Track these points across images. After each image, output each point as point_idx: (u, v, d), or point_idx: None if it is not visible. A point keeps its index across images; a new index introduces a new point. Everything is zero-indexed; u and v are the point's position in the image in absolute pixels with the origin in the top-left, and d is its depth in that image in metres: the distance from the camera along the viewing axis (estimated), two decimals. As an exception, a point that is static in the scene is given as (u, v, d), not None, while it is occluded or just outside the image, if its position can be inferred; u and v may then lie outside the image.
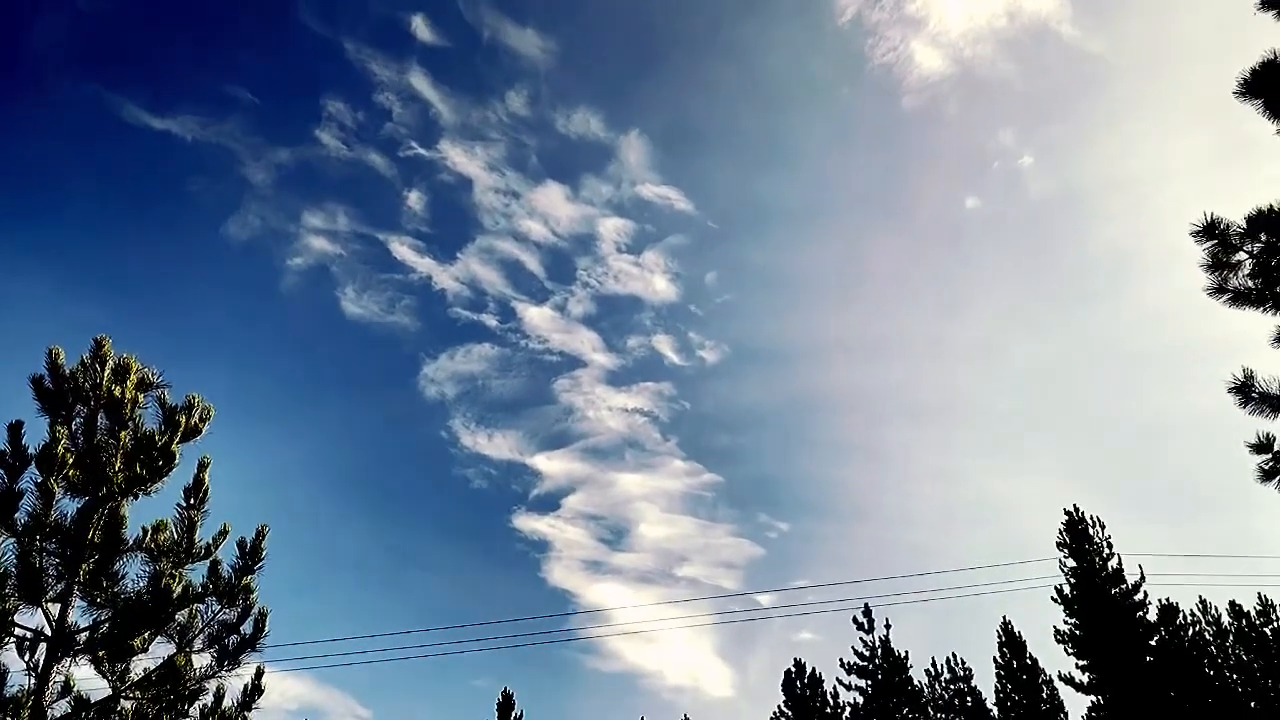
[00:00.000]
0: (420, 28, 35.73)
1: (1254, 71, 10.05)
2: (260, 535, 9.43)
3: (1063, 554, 32.27)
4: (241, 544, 9.31)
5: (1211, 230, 10.53)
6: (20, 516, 8.62)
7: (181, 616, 9.11)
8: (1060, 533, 32.50)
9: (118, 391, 8.95)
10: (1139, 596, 30.32)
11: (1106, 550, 31.35)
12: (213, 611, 9.27)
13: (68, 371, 8.98)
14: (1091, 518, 31.92)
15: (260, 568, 9.45)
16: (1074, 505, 32.51)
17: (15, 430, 8.68)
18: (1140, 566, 31.01)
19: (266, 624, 9.48)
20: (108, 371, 9.05)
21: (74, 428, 8.93)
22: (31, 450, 8.67)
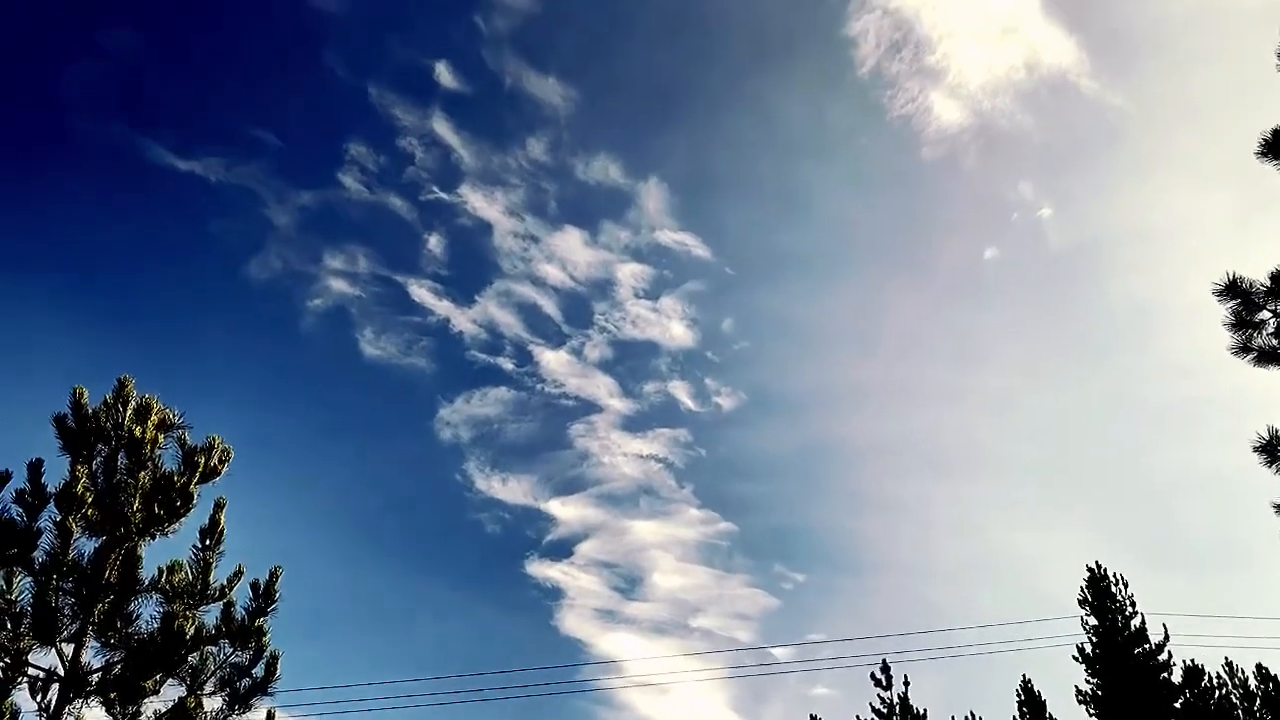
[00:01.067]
0: (443, 74, 36.29)
1: (1275, 132, 10.05)
2: (274, 577, 9.41)
3: (1084, 611, 31.71)
4: (255, 586, 9.30)
5: (1234, 289, 10.46)
6: (38, 555, 8.66)
7: (193, 659, 9.08)
8: (1082, 589, 31.98)
9: (138, 432, 9.02)
10: (1163, 657, 29.71)
11: (1129, 609, 30.80)
12: (225, 654, 9.23)
13: (90, 411, 9.06)
14: (1114, 574, 31.41)
15: (273, 610, 9.42)
16: (1096, 562, 32.04)
17: (35, 469, 8.75)
18: (1164, 626, 30.42)
19: (278, 667, 9.43)
20: (129, 411, 9.13)
21: (94, 467, 8.99)
22: (51, 489, 8.74)
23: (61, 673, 8.58)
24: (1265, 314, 10.45)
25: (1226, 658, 33.59)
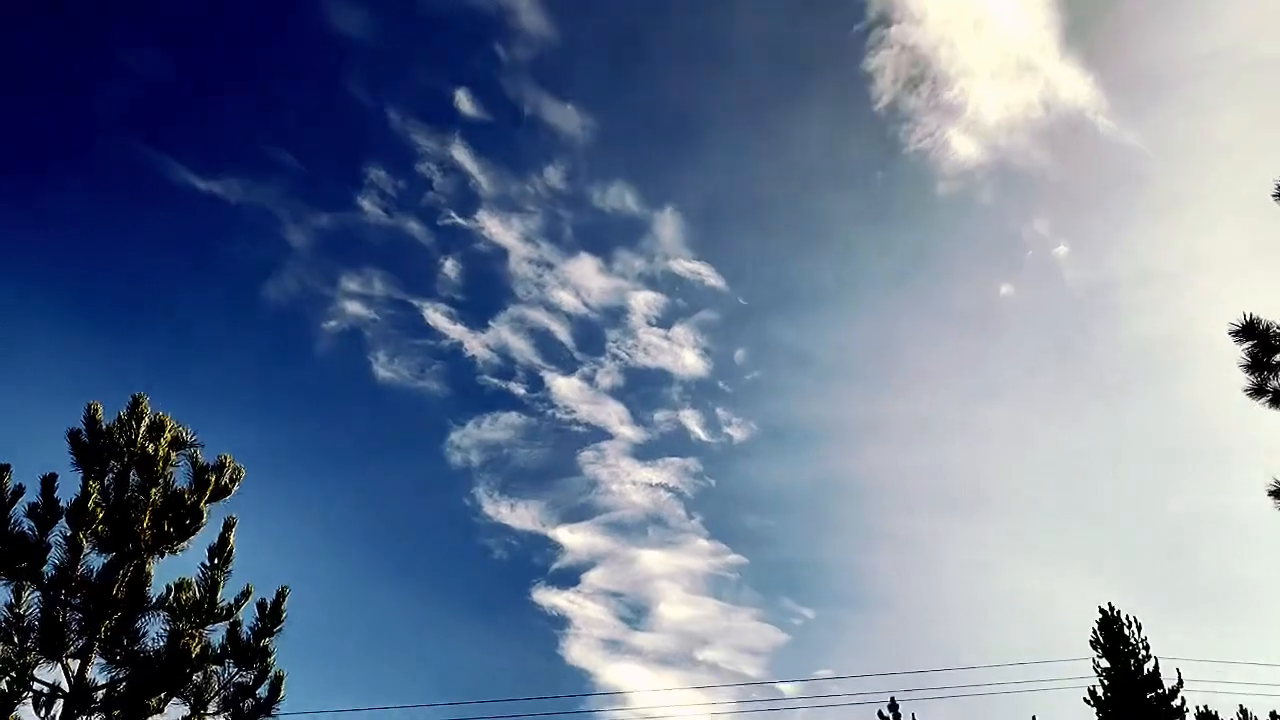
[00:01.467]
0: (463, 101, 36.66)
1: (1293, 174, 10.03)
2: (281, 597, 9.42)
3: (1096, 653, 31.33)
4: (261, 605, 9.30)
5: (1251, 330, 10.42)
6: (47, 569, 8.68)
7: (198, 678, 9.06)
8: (1094, 631, 31.61)
9: (151, 449, 9.06)
10: (1176, 702, 29.29)
11: (1142, 652, 30.42)
12: (229, 673, 9.22)
13: (104, 427, 9.11)
14: (1127, 616, 31.07)
15: (279, 630, 9.42)
16: (1108, 603, 31.71)
17: (48, 483, 8.79)
18: (1178, 670, 30.01)
19: (282, 688, 9.41)
20: (143, 428, 9.18)
21: (106, 483, 9.02)
22: (63, 504, 8.76)
23: (66, 689, 8.58)
24: (1281, 356, 10.38)
25: (1241, 705, 33.08)
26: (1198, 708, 29.71)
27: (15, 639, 8.40)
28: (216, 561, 9.16)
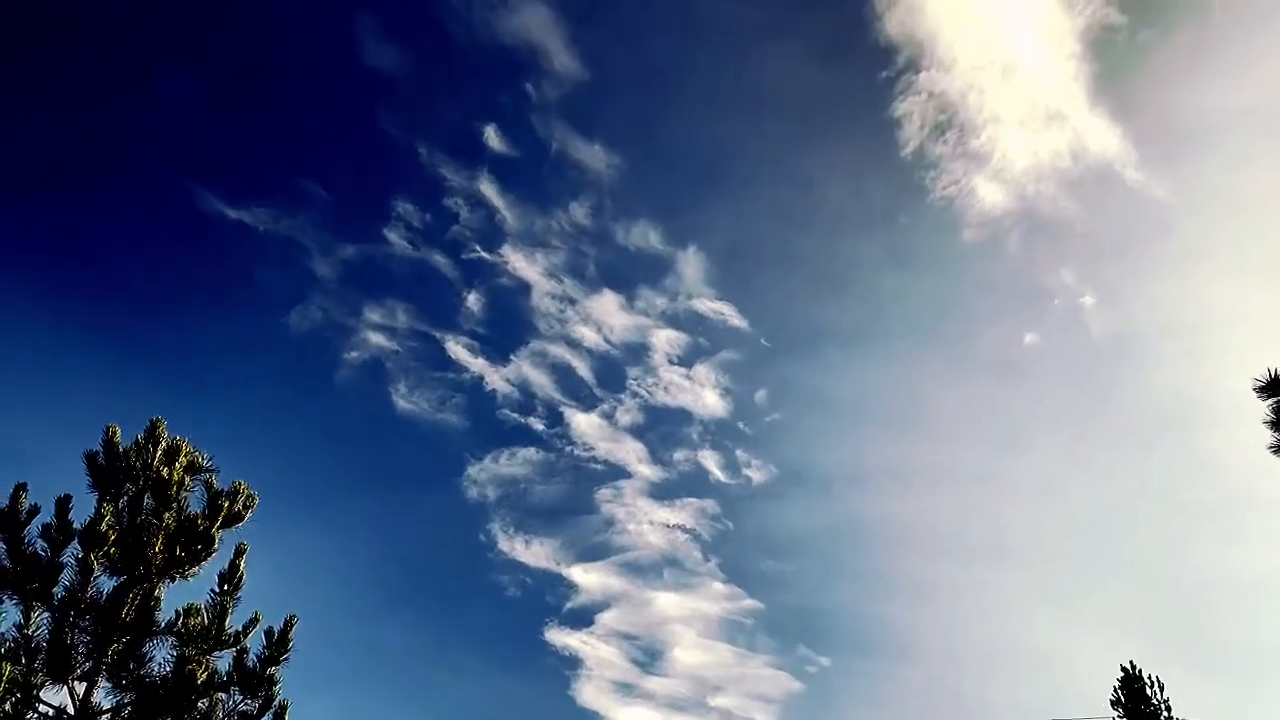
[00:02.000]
0: (492, 137, 37.19)
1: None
2: (289, 625, 9.38)
3: (1117, 713, 30.69)
4: (269, 633, 9.27)
5: (1276, 387, 10.27)
6: (57, 590, 8.71)
7: (203, 704, 9.02)
8: (1115, 690, 31.00)
9: (166, 472, 9.10)
10: (1199, 766, 28.60)
11: (1165, 713, 29.78)
12: (234, 701, 9.17)
13: (122, 450, 9.17)
14: (1149, 676, 30.46)
15: (286, 659, 9.37)
16: (1130, 662, 31.10)
17: (63, 504, 8.85)
18: (1201, 733, 29.33)
19: (287, 717, 9.35)
20: (159, 452, 9.24)
21: (120, 505, 9.07)
22: (77, 525, 8.81)
23: (71, 711, 8.56)
24: (1307, 413, 10.23)
25: (1266, 771, 32.28)
26: (1221, 772, 28.99)
27: (23, 659, 8.40)
28: (226, 588, 9.16)
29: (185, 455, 9.31)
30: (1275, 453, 10.33)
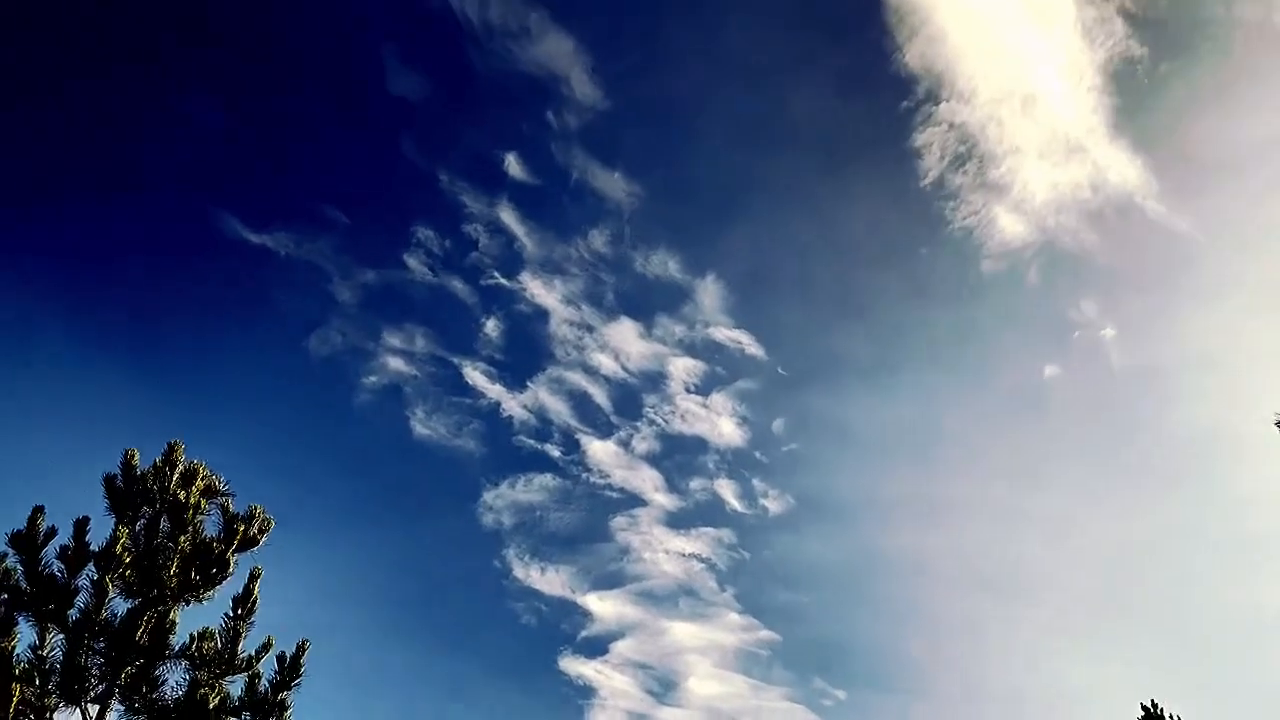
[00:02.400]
0: (512, 165, 37.41)
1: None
2: (301, 650, 9.35)
3: (1138, 751, 30.15)
4: (281, 658, 9.24)
5: (1297, 420, 10.17)
6: (72, 613, 8.72)
7: (214, 729, 8.99)
8: (1136, 727, 30.47)
9: (182, 496, 9.14)
10: (1222, 806, 28.02)
11: (1187, 751, 29.24)
12: (246, 727, 9.13)
13: (140, 472, 9.22)
14: (1170, 715, 29.96)
15: (298, 684, 9.34)
16: (1150, 700, 30.61)
17: (80, 526, 8.87)
18: (1224, 773, 28.75)
19: (298, 744, 9.31)
20: (176, 475, 9.27)
21: (137, 528, 9.10)
22: (94, 547, 8.84)
23: (83, 734, 8.56)
24: (1330, 448, 10.11)
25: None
26: (1245, 813, 28.39)
27: (37, 681, 8.41)
28: (240, 612, 9.16)
29: (202, 479, 9.35)
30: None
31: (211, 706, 8.76)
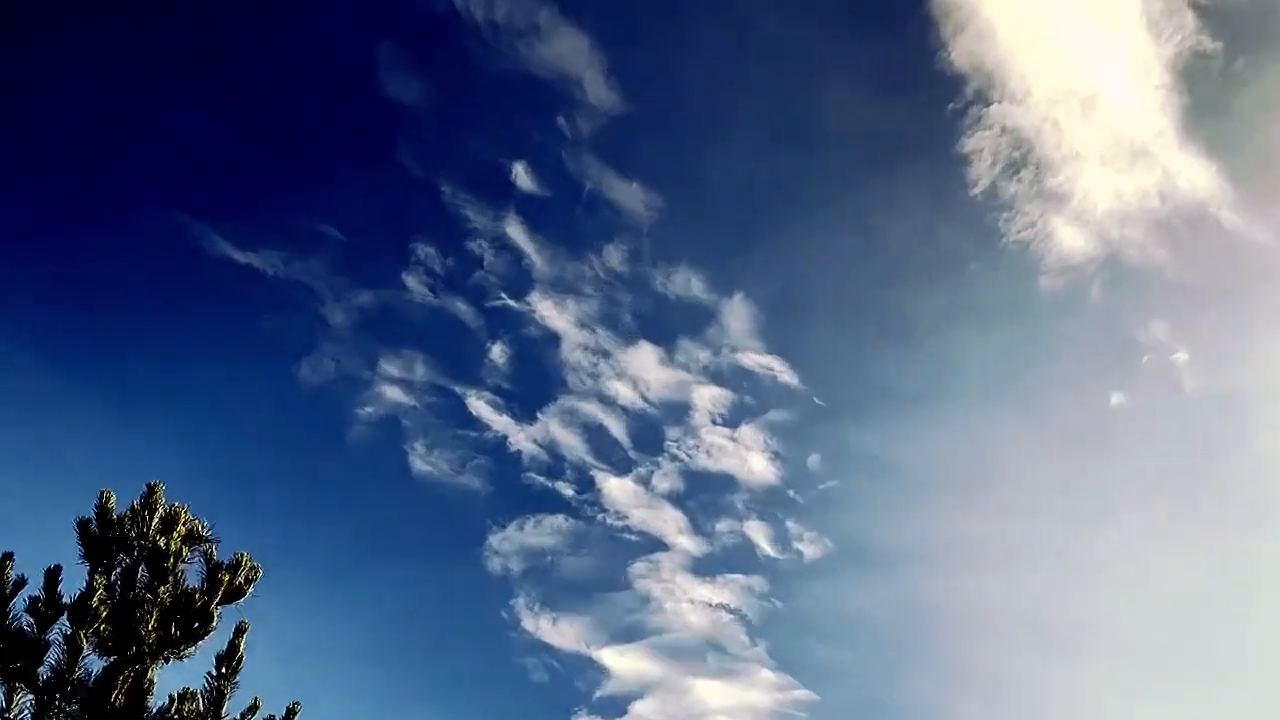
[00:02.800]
0: (520, 175, 36.23)
1: None
2: (291, 713, 8.69)
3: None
4: (270, 722, 8.56)
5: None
6: (43, 670, 8.08)
7: (198, 796, 8.33)
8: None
9: (163, 543, 8.45)
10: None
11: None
12: (232, 793, 8.47)
13: (115, 516, 8.54)
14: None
15: (287, 751, 8.69)
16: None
17: (52, 576, 8.21)
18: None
19: (289, 812, 8.67)
20: (156, 520, 8.59)
21: (113, 578, 8.42)
22: (66, 599, 8.19)
23: (52, 806, 7.90)
24: None
25: None
26: None
27: (1, 749, 7.78)
28: (225, 670, 8.46)
29: (184, 524, 8.64)
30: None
31: (193, 774, 8.08)
